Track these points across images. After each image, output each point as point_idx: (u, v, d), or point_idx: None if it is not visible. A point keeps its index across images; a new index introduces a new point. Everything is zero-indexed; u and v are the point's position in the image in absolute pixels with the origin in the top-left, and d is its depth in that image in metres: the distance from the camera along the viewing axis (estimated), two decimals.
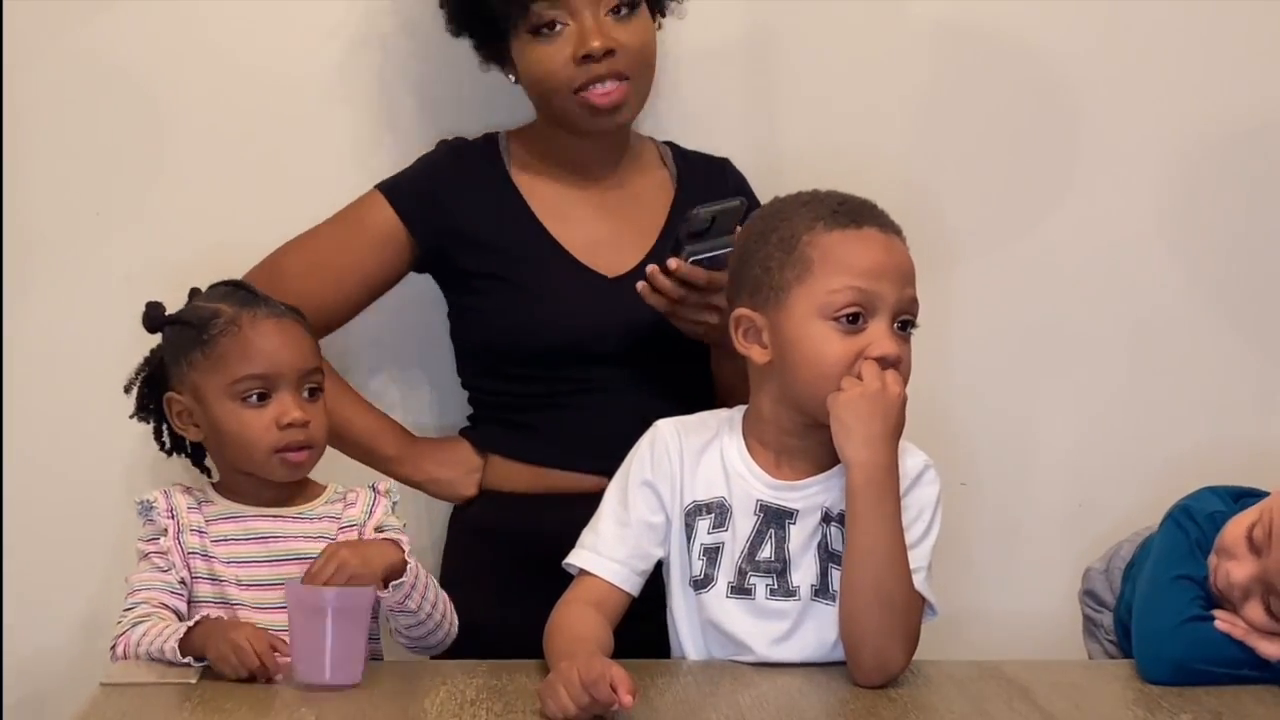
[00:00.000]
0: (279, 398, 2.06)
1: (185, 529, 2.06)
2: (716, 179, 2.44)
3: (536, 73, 2.26)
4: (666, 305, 2.17)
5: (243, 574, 2.06)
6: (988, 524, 2.62)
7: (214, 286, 2.17)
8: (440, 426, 2.52)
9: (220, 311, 2.09)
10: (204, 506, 2.09)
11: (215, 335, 2.07)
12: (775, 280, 1.99)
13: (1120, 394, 2.64)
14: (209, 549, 2.06)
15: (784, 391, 2.00)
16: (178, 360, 2.11)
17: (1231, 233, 2.64)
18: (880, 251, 1.98)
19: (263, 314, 2.09)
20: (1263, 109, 2.63)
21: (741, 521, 2.02)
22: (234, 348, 2.06)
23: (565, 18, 2.22)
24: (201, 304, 2.12)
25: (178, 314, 2.13)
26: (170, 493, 2.10)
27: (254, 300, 2.11)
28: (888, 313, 1.96)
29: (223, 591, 2.05)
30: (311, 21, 2.50)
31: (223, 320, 2.08)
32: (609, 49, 2.22)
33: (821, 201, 2.03)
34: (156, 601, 2.01)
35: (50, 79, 2.47)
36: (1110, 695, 1.99)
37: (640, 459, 2.07)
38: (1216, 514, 2.07)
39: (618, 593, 2.02)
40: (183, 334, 2.10)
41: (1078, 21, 2.59)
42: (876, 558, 1.93)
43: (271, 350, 2.07)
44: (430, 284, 2.39)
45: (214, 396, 2.07)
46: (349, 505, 2.13)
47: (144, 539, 2.08)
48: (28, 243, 2.48)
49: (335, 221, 2.34)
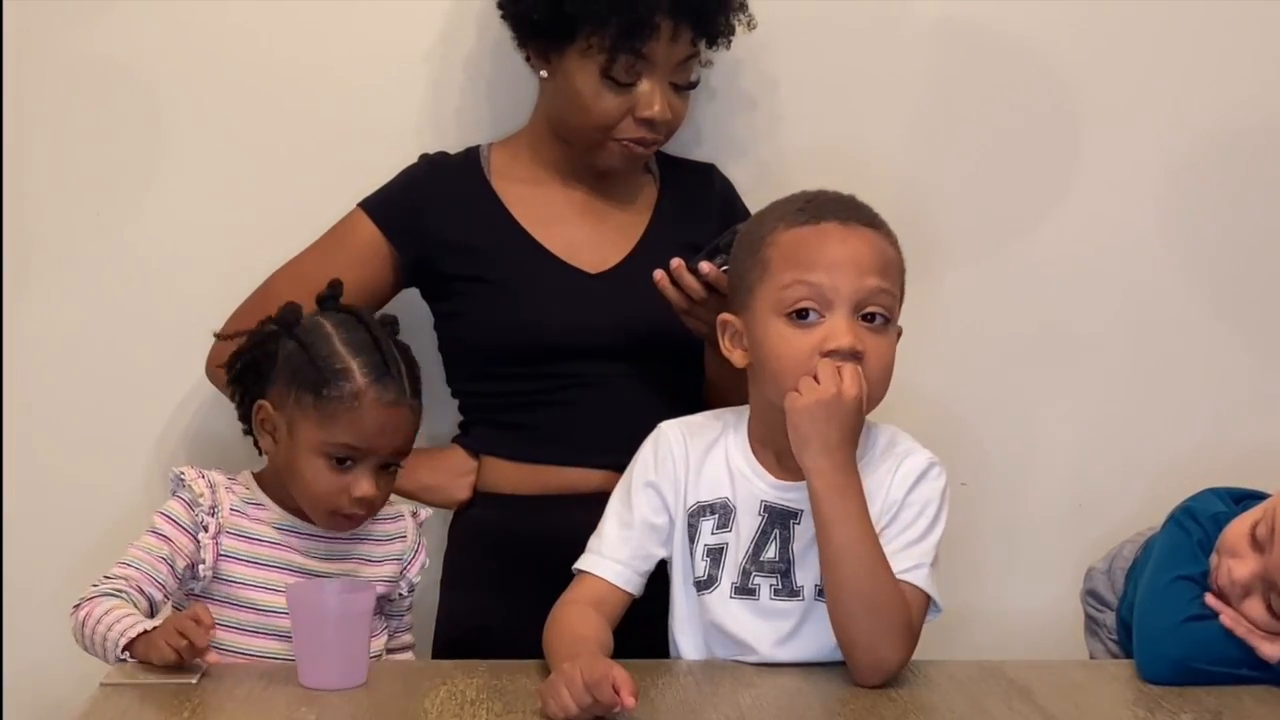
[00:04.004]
0: (360, 471, 2.06)
1: (225, 529, 2.07)
2: (703, 183, 2.45)
3: (587, 106, 2.27)
4: (685, 303, 2.18)
5: (293, 581, 2.06)
6: (988, 524, 2.61)
7: (351, 318, 2.11)
8: (430, 437, 2.51)
9: (349, 375, 2.05)
10: (255, 508, 2.10)
11: (335, 398, 2.04)
12: (745, 283, 2.01)
13: (1120, 394, 2.64)
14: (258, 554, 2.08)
15: (762, 392, 2.01)
16: (288, 385, 2.08)
17: (1231, 233, 2.64)
18: (834, 244, 1.97)
19: (388, 399, 2.06)
20: (1263, 109, 2.62)
21: (745, 522, 2.02)
22: (346, 417, 2.04)
23: (640, 78, 2.26)
24: (337, 350, 2.07)
25: (309, 343, 2.08)
26: (216, 487, 2.09)
27: (385, 376, 2.07)
28: (846, 305, 1.95)
29: (254, 597, 2.07)
30: (312, 22, 2.50)
31: (348, 388, 2.04)
32: (665, 119, 2.27)
33: (792, 202, 2.04)
34: (134, 584, 2.01)
35: (50, 79, 2.47)
36: (1110, 695, 1.99)
37: (644, 461, 2.07)
38: (1219, 515, 2.08)
39: (618, 592, 2.02)
40: (305, 368, 2.07)
41: (1078, 22, 2.59)
42: (850, 558, 1.92)
43: (378, 434, 2.06)
44: (415, 299, 2.40)
45: (304, 441, 2.06)
46: (400, 537, 2.17)
47: (166, 514, 2.08)
48: (28, 242, 2.48)
49: (321, 242, 2.37)
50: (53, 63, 2.46)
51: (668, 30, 2.24)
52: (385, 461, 2.09)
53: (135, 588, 2.01)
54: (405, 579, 2.17)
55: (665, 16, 2.23)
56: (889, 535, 1.98)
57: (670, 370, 2.33)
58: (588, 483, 2.27)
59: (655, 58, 2.25)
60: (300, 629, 1.91)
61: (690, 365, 2.33)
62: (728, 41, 2.35)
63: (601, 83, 2.25)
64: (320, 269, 2.27)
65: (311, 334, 2.09)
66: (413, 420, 2.11)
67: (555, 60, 2.29)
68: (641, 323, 2.28)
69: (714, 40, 2.33)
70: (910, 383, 2.16)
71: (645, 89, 2.26)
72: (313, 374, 2.06)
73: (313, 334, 2.09)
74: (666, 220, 2.40)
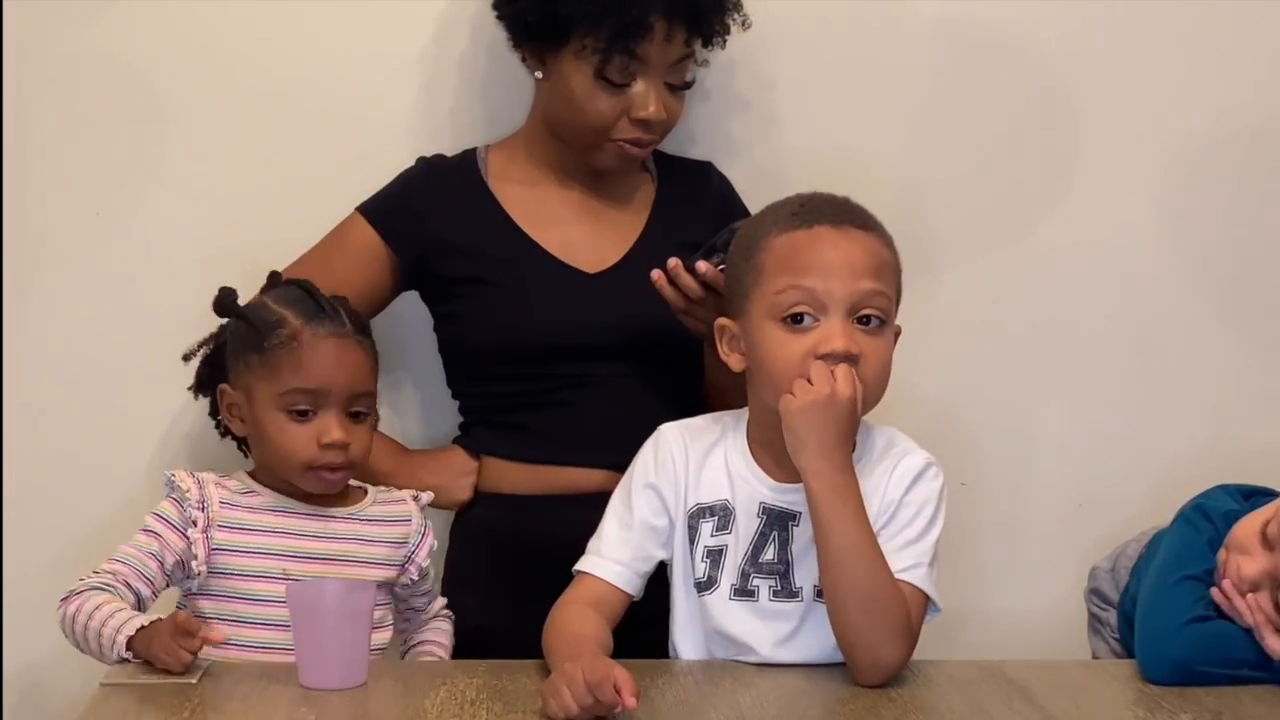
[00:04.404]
0: (323, 416, 2.08)
1: (215, 523, 2.07)
2: (700, 181, 2.46)
3: (582, 106, 2.27)
4: (683, 302, 2.18)
5: (292, 568, 2.07)
6: (988, 524, 2.61)
7: (288, 285, 2.17)
8: (429, 439, 2.52)
9: (284, 321, 2.09)
10: (248, 497, 2.10)
11: (274, 345, 2.08)
12: (741, 288, 2.01)
13: (1120, 394, 2.64)
14: (251, 543, 2.07)
15: (760, 396, 2.01)
16: (236, 356, 2.12)
17: (1231, 232, 2.64)
18: (827, 248, 1.97)
19: (324, 331, 2.09)
20: (1262, 109, 2.62)
21: (745, 524, 2.02)
22: (289, 360, 2.07)
23: (635, 78, 2.26)
24: (270, 306, 2.13)
25: (245, 310, 2.13)
26: (204, 483, 2.10)
27: (320, 314, 2.11)
28: (840, 309, 1.95)
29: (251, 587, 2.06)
30: (312, 22, 2.50)
31: (284, 332, 2.08)
32: (660, 119, 2.27)
33: (786, 205, 2.04)
34: (122, 579, 2.01)
35: (51, 77, 2.46)
36: (1110, 695, 1.99)
37: (644, 463, 2.07)
38: (1231, 513, 2.07)
39: (618, 593, 2.02)
40: (246, 333, 2.11)
41: (1078, 22, 2.58)
42: (849, 558, 1.92)
43: (324, 370, 2.08)
44: (415, 301, 2.41)
45: (262, 401, 2.09)
46: (402, 520, 2.16)
47: (157, 514, 2.08)
48: (28, 242, 2.48)
49: (319, 246, 2.37)
50: (53, 61, 2.46)
51: (662, 30, 2.24)
52: (349, 407, 2.09)
53: (123, 582, 2.01)
54: (414, 563, 2.16)
55: (659, 16, 2.23)
56: (887, 535, 1.98)
57: (669, 369, 2.34)
58: (588, 482, 2.27)
59: (649, 58, 2.25)
60: (300, 629, 1.91)
61: (689, 364, 2.33)
62: (723, 41, 2.35)
63: (596, 83, 2.25)
64: (319, 273, 2.28)
65: (249, 306, 2.15)
66: (362, 357, 2.12)
67: (550, 61, 2.29)
68: (640, 322, 2.28)
69: (709, 40, 2.33)
70: (909, 383, 2.16)
71: (640, 89, 2.26)
72: (253, 335, 2.10)
73: (249, 306, 2.15)
74: (664, 219, 2.40)
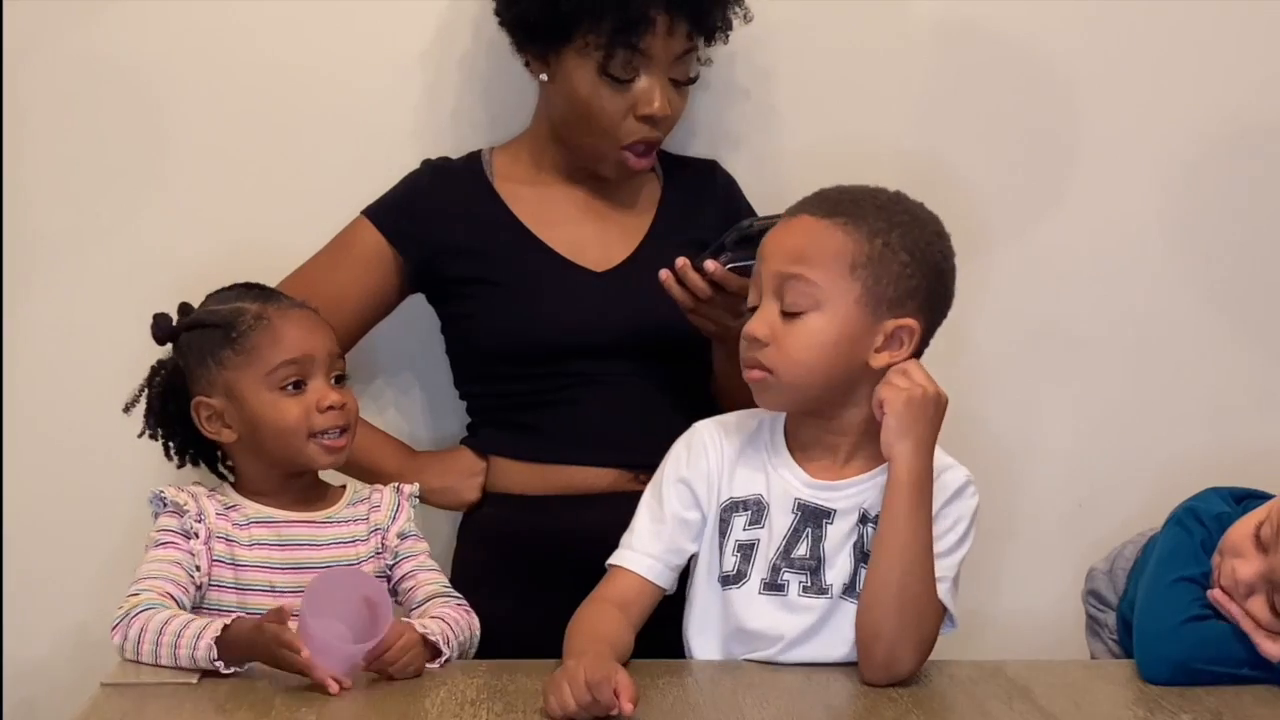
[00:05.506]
0: (314, 384, 2.09)
1: (214, 535, 2.07)
2: (705, 180, 2.46)
3: (587, 105, 2.27)
4: (691, 302, 2.18)
5: (277, 580, 2.06)
6: (988, 524, 2.57)
7: (219, 291, 2.18)
8: (436, 440, 2.52)
9: (244, 309, 2.11)
10: (232, 511, 2.10)
11: (245, 330, 2.09)
12: None
13: (1120, 394, 2.64)
14: (238, 556, 2.06)
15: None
16: (204, 363, 2.11)
17: (1232, 233, 2.64)
18: (776, 234, 2.01)
19: (286, 305, 2.13)
20: (1262, 109, 2.62)
21: (779, 519, 2.02)
22: (266, 338, 2.08)
23: (638, 74, 2.26)
24: (219, 306, 2.14)
25: (196, 319, 2.14)
26: (197, 495, 2.09)
27: (272, 294, 2.16)
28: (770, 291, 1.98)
29: (243, 600, 2.05)
30: (314, 24, 2.50)
31: (250, 315, 2.10)
32: (666, 115, 2.27)
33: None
34: (163, 592, 2.00)
35: (50, 79, 2.47)
36: (1110, 695, 1.99)
37: (676, 458, 2.08)
38: (1223, 515, 2.07)
39: (650, 586, 2.03)
40: (208, 336, 2.11)
41: (1079, 21, 2.59)
42: (907, 558, 1.94)
43: (303, 336, 2.10)
44: (421, 303, 2.41)
45: (250, 390, 2.09)
46: (374, 508, 2.15)
47: (161, 529, 2.07)
48: (28, 242, 2.48)
49: (326, 250, 2.37)
50: (52, 63, 2.46)
51: (664, 24, 2.24)
52: (330, 371, 2.11)
53: (165, 594, 2.00)
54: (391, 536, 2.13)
55: (660, 11, 2.23)
56: None
57: (677, 368, 2.34)
58: (596, 482, 2.28)
59: (652, 52, 2.25)
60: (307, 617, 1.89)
61: (697, 363, 2.34)
62: (725, 36, 2.35)
63: (600, 80, 2.25)
64: (325, 277, 2.27)
65: (198, 313, 2.15)
66: (324, 322, 2.14)
67: (554, 62, 2.29)
68: (648, 321, 2.28)
69: (710, 35, 2.33)
70: None
71: (644, 85, 2.26)
72: (216, 334, 2.10)
73: (199, 313, 2.15)
74: (670, 218, 2.40)
